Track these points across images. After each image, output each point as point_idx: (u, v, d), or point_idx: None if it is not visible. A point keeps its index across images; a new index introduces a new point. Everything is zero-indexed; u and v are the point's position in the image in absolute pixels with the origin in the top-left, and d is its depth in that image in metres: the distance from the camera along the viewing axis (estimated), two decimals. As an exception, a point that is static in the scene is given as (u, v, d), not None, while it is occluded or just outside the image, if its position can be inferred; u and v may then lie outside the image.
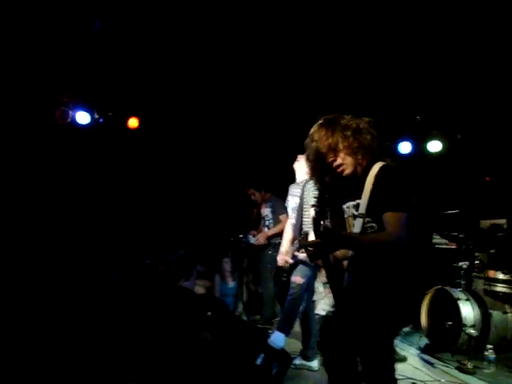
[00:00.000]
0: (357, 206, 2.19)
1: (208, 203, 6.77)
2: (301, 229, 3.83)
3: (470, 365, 3.91)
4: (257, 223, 5.61)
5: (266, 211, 5.48)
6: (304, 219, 3.86)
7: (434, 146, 6.19)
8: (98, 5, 4.83)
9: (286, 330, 3.82)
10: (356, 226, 2.15)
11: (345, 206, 2.30)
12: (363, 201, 2.14)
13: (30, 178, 5.83)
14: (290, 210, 4.18)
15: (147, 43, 5.39)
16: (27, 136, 5.89)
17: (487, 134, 5.92)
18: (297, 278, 3.79)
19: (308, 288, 3.87)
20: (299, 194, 3.95)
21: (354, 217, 2.19)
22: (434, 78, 5.54)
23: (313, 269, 3.81)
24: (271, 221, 5.43)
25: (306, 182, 3.88)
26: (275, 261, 4.37)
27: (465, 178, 6.17)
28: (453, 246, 5.28)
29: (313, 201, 3.18)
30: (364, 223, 2.13)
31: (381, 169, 2.14)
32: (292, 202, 4.11)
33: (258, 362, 3.42)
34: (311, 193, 3.72)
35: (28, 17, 4.82)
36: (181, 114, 6.51)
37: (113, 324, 3.50)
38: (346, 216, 2.29)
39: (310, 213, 3.72)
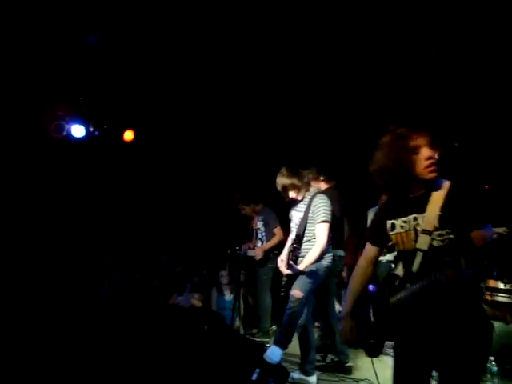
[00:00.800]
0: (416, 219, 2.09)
1: (203, 215, 6.71)
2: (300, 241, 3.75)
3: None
4: (252, 235, 5.56)
5: (259, 224, 5.43)
6: (306, 233, 3.81)
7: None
8: (93, 18, 4.83)
9: (284, 344, 3.72)
10: (422, 242, 2.05)
11: (400, 220, 2.15)
12: (431, 215, 2.04)
13: (25, 192, 5.79)
14: (292, 225, 4.03)
15: (142, 56, 5.39)
16: (23, 150, 5.88)
17: (485, 141, 5.90)
18: (295, 292, 3.68)
19: (307, 301, 3.78)
20: (303, 209, 3.87)
21: (416, 231, 2.08)
22: (428, 85, 5.53)
23: (315, 282, 3.73)
24: (263, 234, 5.39)
25: (314, 196, 3.84)
26: (271, 273, 4.30)
27: (461, 187, 6.09)
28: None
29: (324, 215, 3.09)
30: (439, 235, 2.02)
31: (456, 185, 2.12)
32: (296, 217, 3.97)
33: (254, 377, 3.35)
34: (321, 208, 3.73)
35: (23, 29, 4.83)
36: (175, 127, 6.50)
37: (103, 338, 3.44)
38: (403, 230, 2.14)
39: (317, 228, 3.70)
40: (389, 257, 4.30)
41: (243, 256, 5.45)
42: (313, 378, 3.84)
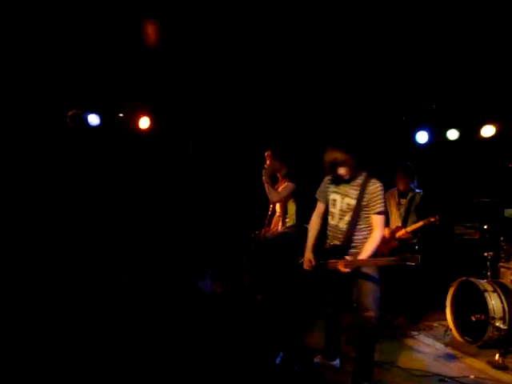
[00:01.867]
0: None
1: (222, 201, 6.66)
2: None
3: (500, 360, 3.74)
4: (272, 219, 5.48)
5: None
6: (359, 222, 3.43)
7: (453, 134, 6.09)
8: (105, 6, 4.78)
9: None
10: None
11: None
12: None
13: (41, 180, 5.84)
14: (335, 210, 3.57)
15: (158, 43, 5.33)
16: (39, 139, 5.91)
17: (507, 119, 5.76)
18: (370, 313, 3.25)
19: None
20: (355, 196, 3.41)
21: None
22: (448, 66, 5.40)
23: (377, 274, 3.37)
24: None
25: (368, 181, 3.41)
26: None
27: (487, 166, 5.99)
28: (476, 237, 5.09)
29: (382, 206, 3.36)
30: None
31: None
32: (343, 203, 3.49)
33: (278, 360, 3.33)
34: (380, 196, 3.35)
35: (39, 20, 4.81)
36: (191, 114, 6.44)
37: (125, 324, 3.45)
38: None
39: (373, 218, 3.34)
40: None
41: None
42: (336, 361, 3.80)
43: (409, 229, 5.01)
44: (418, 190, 5.25)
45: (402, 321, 5.17)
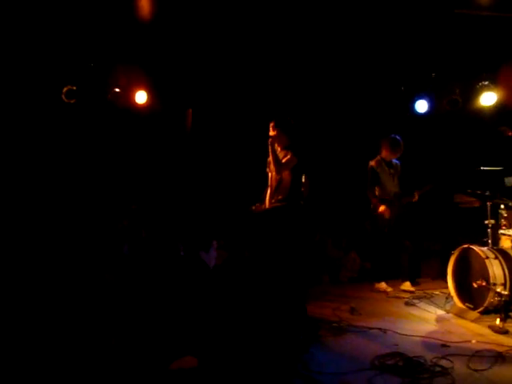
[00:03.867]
0: None
1: (221, 175, 6.62)
2: None
3: (500, 324, 3.80)
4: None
5: None
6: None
7: (453, 104, 6.03)
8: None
9: None
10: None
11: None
12: None
13: (37, 158, 5.78)
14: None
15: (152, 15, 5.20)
16: (34, 116, 5.82)
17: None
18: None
19: None
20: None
21: None
22: (445, 33, 5.32)
23: None
24: None
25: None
26: None
27: (485, 134, 5.97)
28: (476, 205, 5.13)
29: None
30: None
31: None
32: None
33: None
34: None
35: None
36: (190, 88, 6.34)
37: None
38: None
39: None
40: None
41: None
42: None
43: (417, 194, 5.48)
44: (396, 161, 5.64)
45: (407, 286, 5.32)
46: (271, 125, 4.72)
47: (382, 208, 5.36)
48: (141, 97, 6.03)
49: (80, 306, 3.73)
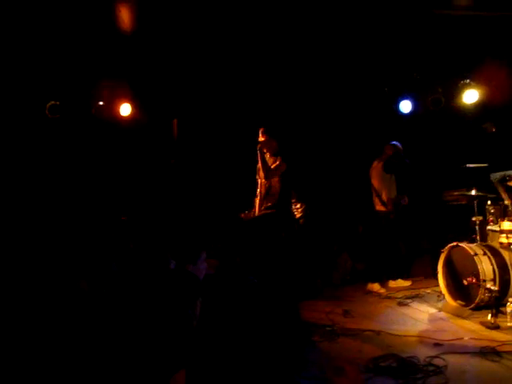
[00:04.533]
0: None
1: (209, 184, 6.61)
2: None
3: (492, 320, 3.82)
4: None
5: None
6: None
7: (436, 103, 6.10)
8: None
9: None
10: None
11: None
12: None
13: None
14: None
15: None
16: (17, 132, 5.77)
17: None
18: None
19: None
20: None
21: None
22: (429, 33, 5.38)
23: None
24: None
25: None
26: None
27: (469, 132, 6.04)
28: (463, 202, 5.17)
29: None
30: None
31: None
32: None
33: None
34: None
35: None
36: (174, 97, 6.34)
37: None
38: None
39: None
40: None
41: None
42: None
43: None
44: None
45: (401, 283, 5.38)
46: (260, 131, 4.73)
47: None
48: (125, 109, 6.02)
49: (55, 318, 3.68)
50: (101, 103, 5.98)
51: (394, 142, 5.79)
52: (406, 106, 6.30)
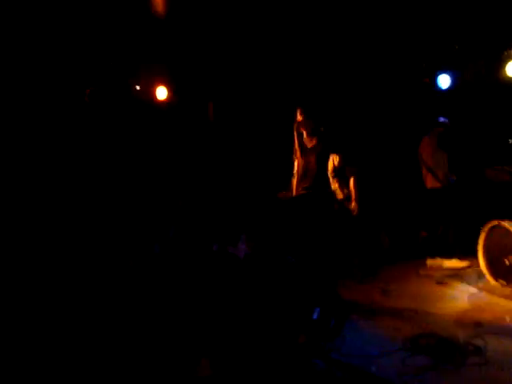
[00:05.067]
0: None
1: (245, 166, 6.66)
2: None
3: (535, 299, 3.77)
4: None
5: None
6: None
7: (478, 76, 5.88)
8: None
9: None
10: None
11: None
12: None
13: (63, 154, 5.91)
14: None
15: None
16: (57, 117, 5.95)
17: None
18: None
19: None
20: None
21: None
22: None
23: None
24: None
25: None
26: None
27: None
28: (506, 179, 5.02)
29: None
30: None
31: None
32: None
33: (315, 316, 3.43)
34: None
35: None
36: (209, 80, 6.38)
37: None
38: None
39: None
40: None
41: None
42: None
43: None
44: None
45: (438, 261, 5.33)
46: (298, 110, 4.73)
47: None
48: (161, 93, 6.11)
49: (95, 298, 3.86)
50: (137, 87, 6.10)
51: (444, 119, 5.64)
52: (444, 81, 6.11)
